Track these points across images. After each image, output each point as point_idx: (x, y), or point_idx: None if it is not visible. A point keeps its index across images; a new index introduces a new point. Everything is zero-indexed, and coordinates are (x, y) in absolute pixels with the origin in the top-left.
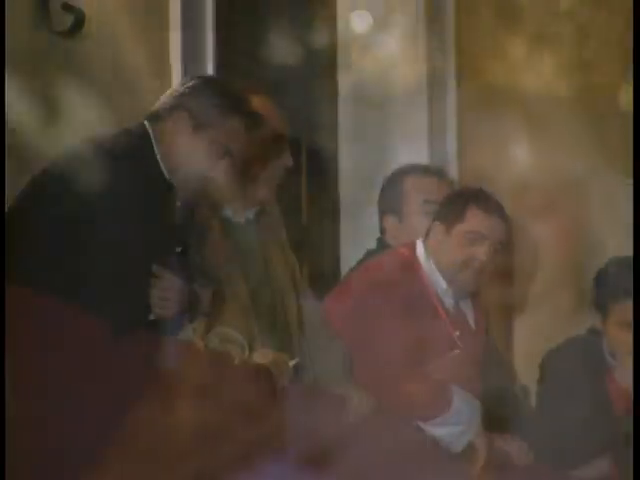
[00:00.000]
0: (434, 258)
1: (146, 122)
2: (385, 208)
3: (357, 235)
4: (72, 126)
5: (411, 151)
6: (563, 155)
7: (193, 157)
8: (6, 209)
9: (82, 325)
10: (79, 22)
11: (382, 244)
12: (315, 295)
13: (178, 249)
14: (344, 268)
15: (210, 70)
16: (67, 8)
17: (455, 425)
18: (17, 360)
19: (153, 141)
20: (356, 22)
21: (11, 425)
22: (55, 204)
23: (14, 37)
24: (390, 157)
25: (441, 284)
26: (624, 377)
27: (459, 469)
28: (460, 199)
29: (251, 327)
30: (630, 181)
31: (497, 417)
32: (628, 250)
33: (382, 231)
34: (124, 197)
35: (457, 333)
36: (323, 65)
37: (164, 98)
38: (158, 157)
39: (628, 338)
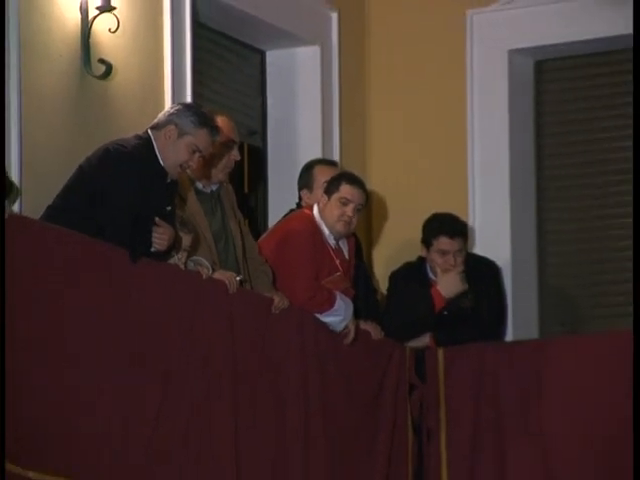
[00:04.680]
0: (322, 215)
1: (149, 131)
2: (302, 185)
3: (284, 201)
4: (104, 134)
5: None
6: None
7: (178, 153)
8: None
9: (105, 251)
10: (108, 70)
11: (299, 207)
12: (253, 237)
13: (169, 208)
14: (272, 221)
15: (189, 99)
16: (102, 61)
17: (337, 316)
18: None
19: (154, 143)
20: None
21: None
22: (91, 182)
23: (68, 80)
24: (301, 150)
25: (325, 231)
26: (441, 286)
27: None
28: (337, 178)
29: (214, 257)
30: None
31: (364, 311)
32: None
33: (299, 198)
34: (136, 177)
35: (338, 261)
36: (255, 94)
37: (160, 115)
38: (157, 153)
39: (441, 260)
